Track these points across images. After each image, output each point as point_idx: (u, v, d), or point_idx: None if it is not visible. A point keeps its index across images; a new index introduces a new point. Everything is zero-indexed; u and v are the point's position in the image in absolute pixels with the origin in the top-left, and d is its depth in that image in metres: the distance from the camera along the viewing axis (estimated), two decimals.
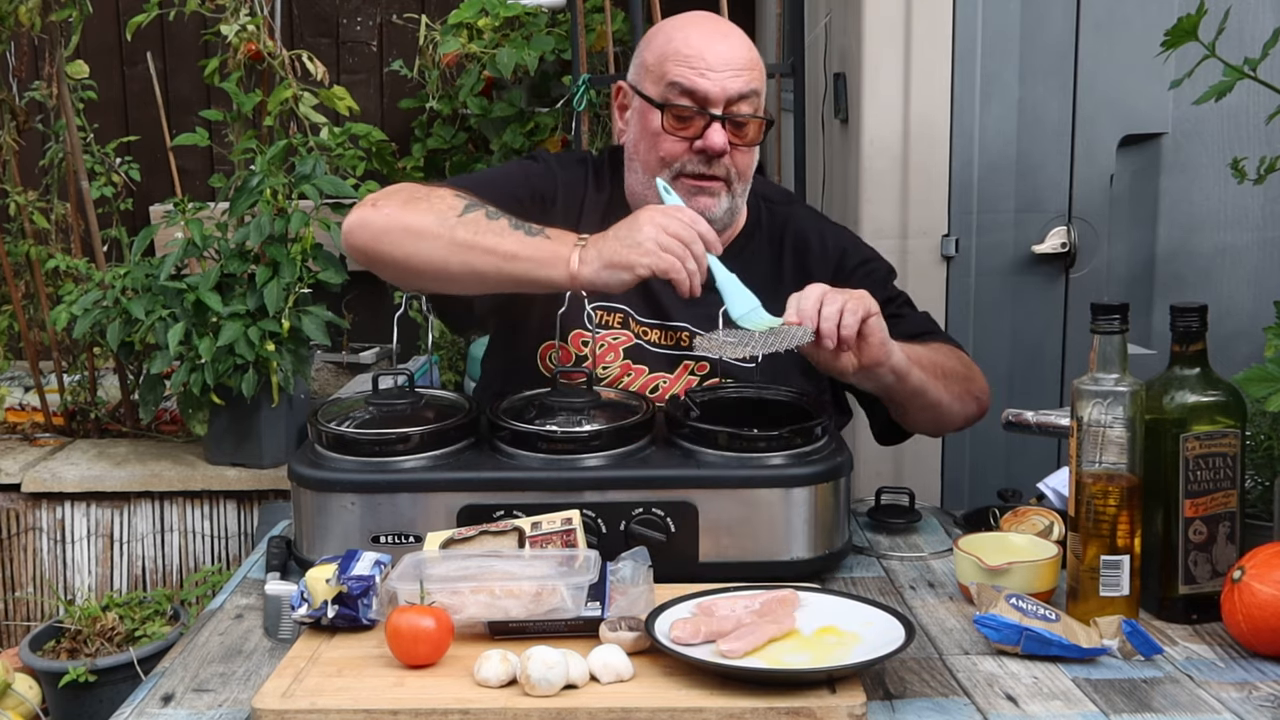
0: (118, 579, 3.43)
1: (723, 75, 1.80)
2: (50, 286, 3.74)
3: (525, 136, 4.00)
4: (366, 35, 4.71)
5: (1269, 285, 2.61)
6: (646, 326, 1.89)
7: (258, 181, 3.22)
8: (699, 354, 1.82)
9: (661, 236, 1.64)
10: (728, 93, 1.80)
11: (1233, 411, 1.49)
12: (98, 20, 4.06)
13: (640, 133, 1.87)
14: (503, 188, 1.86)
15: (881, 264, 2.02)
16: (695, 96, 1.81)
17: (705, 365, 1.88)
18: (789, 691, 1.27)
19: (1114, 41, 2.60)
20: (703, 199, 1.84)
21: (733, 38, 1.85)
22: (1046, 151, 2.64)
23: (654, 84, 1.84)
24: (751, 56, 1.85)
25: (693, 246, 1.65)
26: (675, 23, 1.90)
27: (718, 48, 1.82)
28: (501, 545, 1.50)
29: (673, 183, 1.83)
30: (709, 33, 1.85)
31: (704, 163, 1.83)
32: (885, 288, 1.96)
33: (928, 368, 1.81)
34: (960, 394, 1.88)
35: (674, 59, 1.82)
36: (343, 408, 1.72)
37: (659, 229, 1.64)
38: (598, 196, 1.93)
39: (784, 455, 1.61)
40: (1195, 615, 1.51)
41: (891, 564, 1.73)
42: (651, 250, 1.63)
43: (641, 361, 1.88)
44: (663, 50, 1.84)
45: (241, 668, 1.44)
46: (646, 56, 1.88)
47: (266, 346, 3.16)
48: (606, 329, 1.88)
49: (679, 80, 1.81)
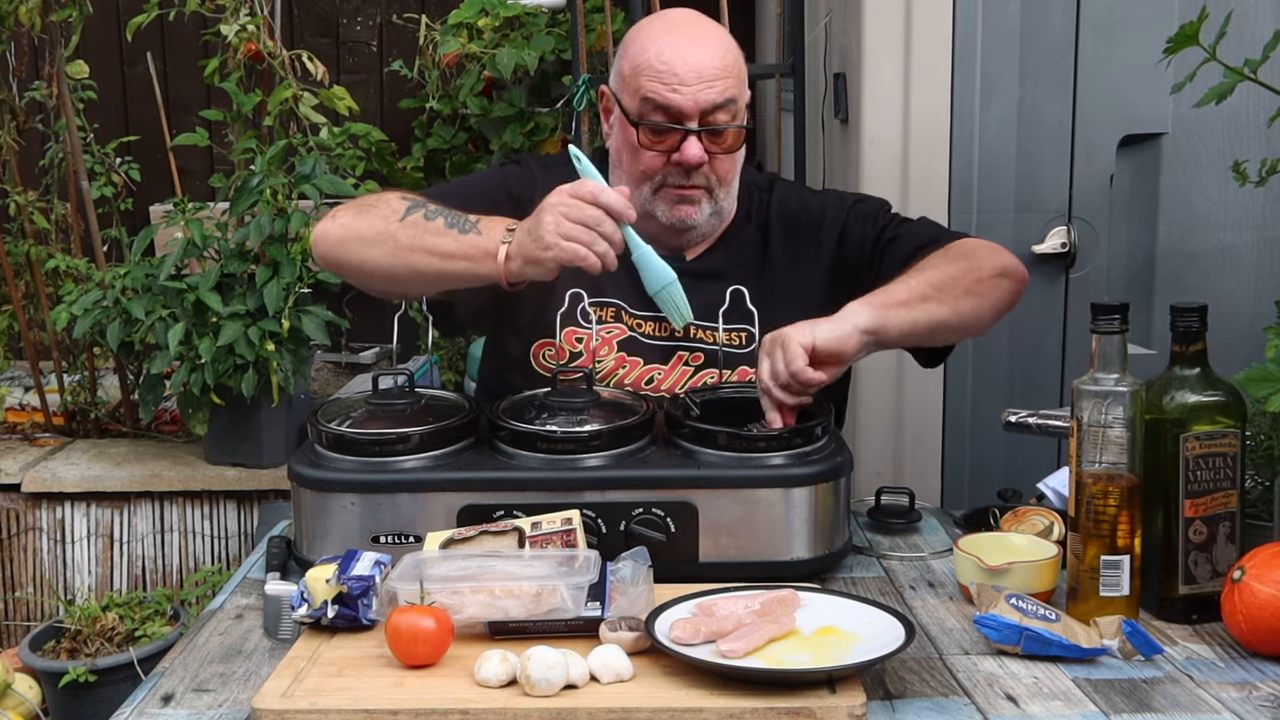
0: (118, 579, 3.43)
1: (695, 88, 1.78)
2: (50, 286, 3.74)
3: (525, 136, 3.99)
4: (366, 35, 4.71)
5: (1269, 285, 2.61)
6: (640, 319, 1.90)
7: (258, 181, 3.22)
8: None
9: (563, 225, 1.63)
10: (701, 105, 1.79)
11: (1233, 411, 1.49)
12: (98, 20, 4.05)
13: (621, 144, 1.87)
14: (475, 190, 1.88)
15: (869, 202, 2.00)
16: (669, 112, 1.79)
17: (700, 356, 1.88)
18: (789, 691, 1.27)
19: (1114, 41, 2.60)
20: (684, 208, 1.84)
21: (707, 43, 1.82)
22: (1046, 151, 2.64)
23: (630, 97, 1.83)
24: (726, 63, 1.81)
25: (599, 227, 1.63)
26: (650, 30, 1.87)
27: (690, 59, 1.79)
28: (501, 545, 1.50)
29: (655, 194, 1.84)
30: (682, 40, 1.82)
31: (683, 175, 1.82)
32: (876, 220, 1.94)
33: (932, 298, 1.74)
34: (972, 290, 1.78)
35: (646, 73, 1.80)
36: (343, 408, 1.72)
37: (559, 218, 1.63)
38: None
39: (784, 455, 1.61)
40: (1195, 615, 1.51)
41: (891, 564, 1.73)
42: (553, 242, 1.63)
43: (636, 354, 1.88)
44: (636, 62, 1.82)
45: (241, 668, 1.44)
46: (623, 65, 1.86)
47: (266, 346, 3.16)
48: (601, 323, 1.88)
49: (652, 96, 1.79)
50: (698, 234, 1.90)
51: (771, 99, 3.79)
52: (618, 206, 1.64)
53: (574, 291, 1.85)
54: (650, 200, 1.85)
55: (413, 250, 1.73)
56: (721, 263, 1.92)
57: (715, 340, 1.87)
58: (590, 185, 1.66)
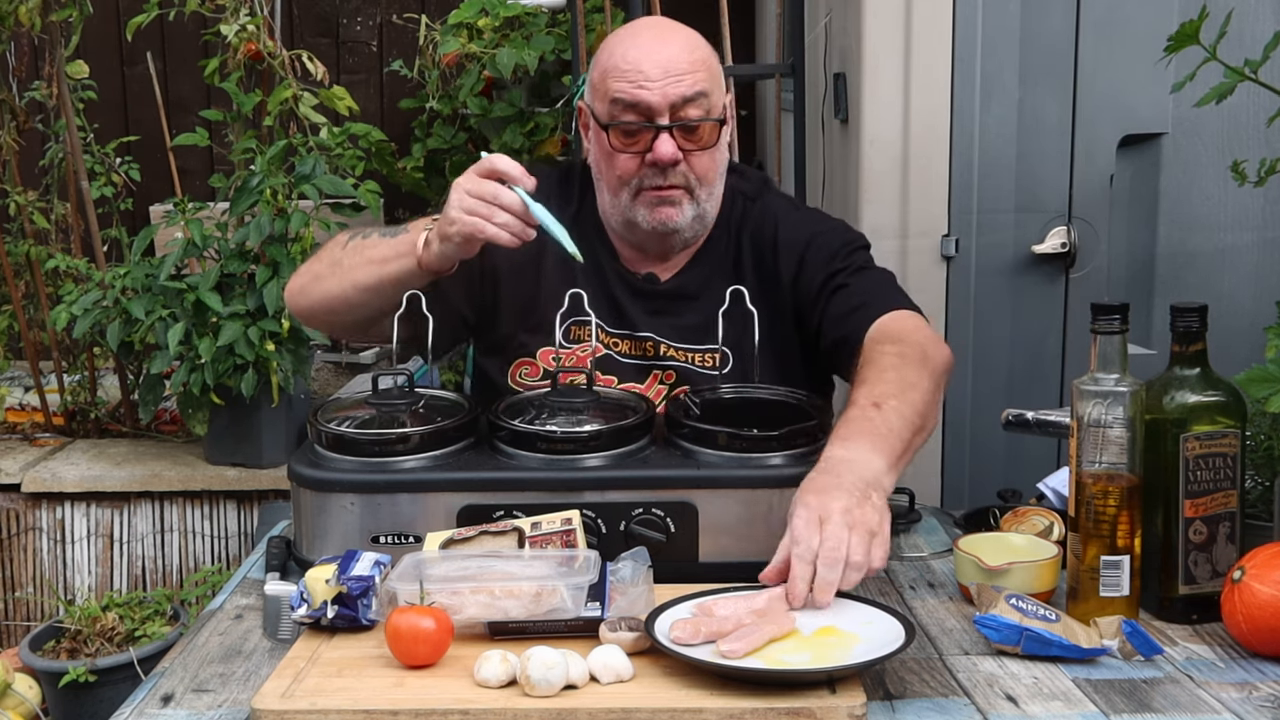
0: (118, 579, 3.43)
1: (662, 83, 1.77)
2: (50, 286, 3.74)
3: (525, 136, 3.99)
4: (366, 35, 4.71)
5: (1269, 285, 2.61)
6: (616, 337, 1.89)
7: (258, 181, 3.22)
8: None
9: (465, 200, 1.67)
10: (670, 99, 1.77)
11: (1233, 411, 1.49)
12: (98, 20, 4.05)
13: (598, 153, 1.86)
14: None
15: (832, 236, 1.91)
16: (638, 109, 1.78)
17: (673, 375, 1.88)
18: (789, 692, 1.27)
19: (1114, 41, 2.60)
20: (665, 210, 1.82)
21: (673, 43, 1.81)
22: (1046, 152, 2.64)
23: (601, 102, 1.82)
24: (695, 58, 1.80)
25: (496, 199, 1.66)
26: (616, 37, 1.87)
27: (656, 56, 1.78)
28: (501, 545, 1.50)
29: (635, 199, 1.83)
30: (648, 41, 1.81)
31: (659, 174, 1.80)
32: (833, 260, 1.86)
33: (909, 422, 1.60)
34: (932, 409, 1.68)
35: (613, 75, 1.79)
36: (343, 408, 1.72)
37: (462, 195, 1.68)
38: (564, 210, 1.90)
39: (784, 455, 1.61)
40: (1195, 615, 1.50)
41: (891, 564, 1.73)
42: (456, 217, 1.67)
43: (611, 372, 1.87)
44: (604, 67, 1.82)
45: (241, 668, 1.44)
46: (593, 75, 1.85)
47: (266, 346, 3.16)
48: (577, 343, 1.88)
49: (620, 96, 1.78)
50: (681, 238, 1.87)
51: (771, 99, 3.79)
52: (513, 172, 1.67)
53: (559, 310, 1.83)
54: (630, 207, 1.83)
55: (355, 268, 1.81)
56: (695, 284, 1.90)
57: (688, 360, 1.87)
58: (490, 159, 1.69)
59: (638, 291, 1.90)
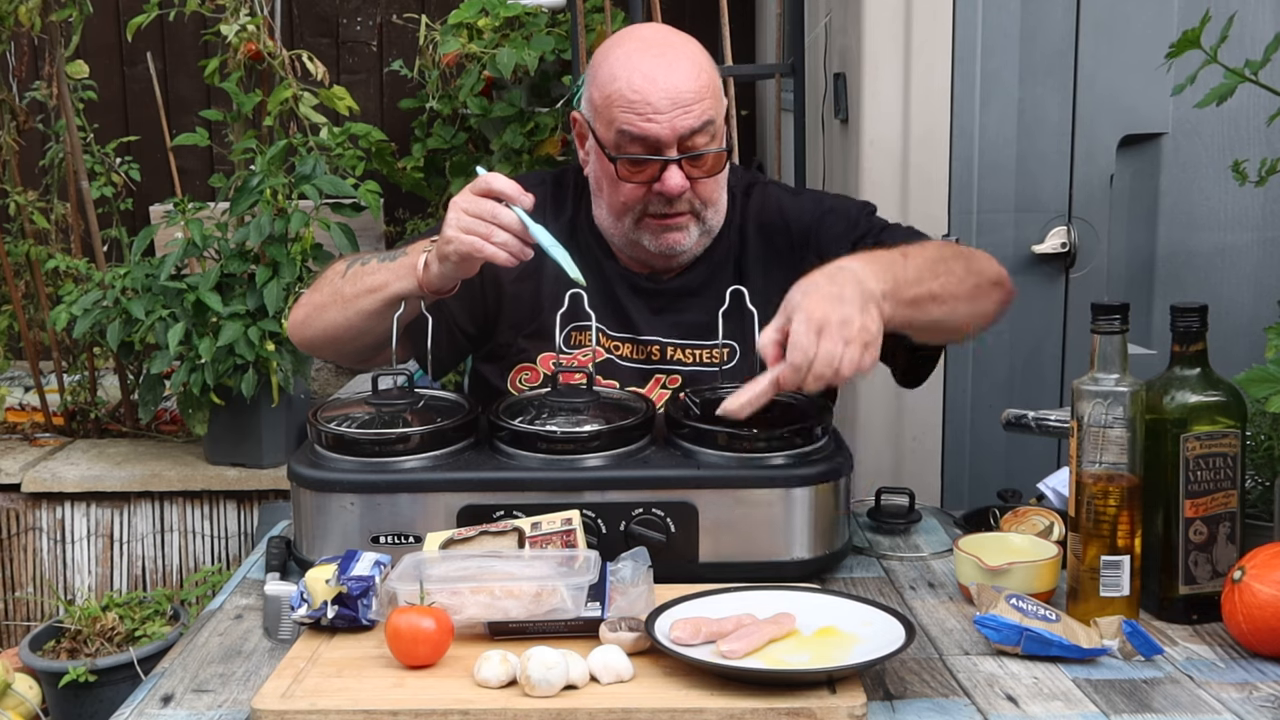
0: (118, 579, 3.43)
1: (671, 115, 1.73)
2: (50, 286, 3.74)
3: (525, 136, 3.99)
4: (366, 35, 4.71)
5: (1269, 285, 2.61)
6: (618, 341, 1.89)
7: (258, 181, 3.22)
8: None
9: (462, 219, 1.66)
10: (679, 132, 1.74)
11: (1233, 411, 1.49)
12: (98, 20, 4.06)
13: (600, 174, 1.84)
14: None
15: (847, 203, 1.93)
16: (646, 143, 1.75)
17: (677, 378, 1.88)
18: (789, 692, 1.27)
19: (1114, 41, 2.60)
20: (671, 235, 1.82)
21: (679, 64, 1.76)
22: (1046, 151, 2.64)
23: (604, 128, 1.79)
24: (700, 84, 1.75)
25: (494, 218, 1.65)
26: (618, 53, 1.80)
27: (663, 85, 1.74)
28: (501, 545, 1.50)
29: (638, 224, 1.82)
30: (652, 65, 1.75)
31: (665, 203, 1.79)
32: (856, 224, 1.87)
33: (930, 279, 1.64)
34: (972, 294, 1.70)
35: (619, 104, 1.75)
36: (343, 407, 1.72)
37: (459, 212, 1.67)
38: (558, 218, 1.91)
39: (784, 455, 1.61)
40: (1195, 615, 1.50)
41: (891, 564, 1.73)
42: (453, 236, 1.66)
43: (613, 376, 1.87)
44: (607, 91, 1.77)
45: (241, 668, 1.44)
46: (593, 93, 1.81)
47: (266, 346, 3.16)
48: (579, 348, 1.88)
49: (627, 128, 1.75)
50: (688, 255, 1.87)
51: (771, 99, 3.78)
52: (510, 192, 1.66)
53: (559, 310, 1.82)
54: (634, 230, 1.83)
55: (357, 297, 1.79)
56: (698, 281, 1.89)
57: (693, 360, 1.87)
58: (486, 177, 1.68)
59: (640, 289, 1.90)
